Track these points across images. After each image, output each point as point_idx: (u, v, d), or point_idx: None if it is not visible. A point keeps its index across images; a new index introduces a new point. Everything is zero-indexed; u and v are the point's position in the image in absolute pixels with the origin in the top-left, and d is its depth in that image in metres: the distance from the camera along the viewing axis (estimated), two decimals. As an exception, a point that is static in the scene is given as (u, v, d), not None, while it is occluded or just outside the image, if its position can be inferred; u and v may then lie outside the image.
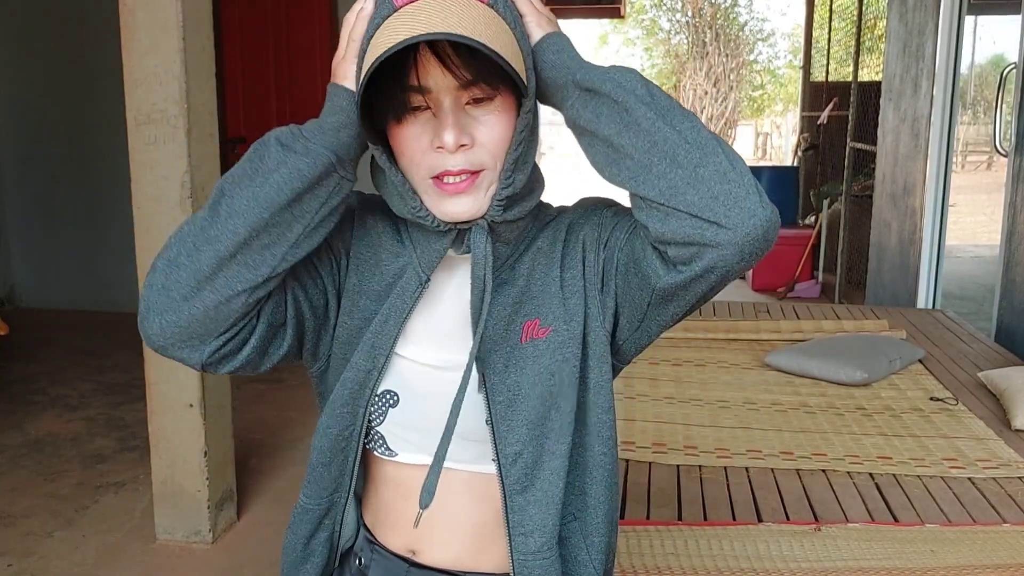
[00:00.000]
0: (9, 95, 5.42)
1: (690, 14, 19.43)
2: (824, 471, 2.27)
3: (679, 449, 2.40)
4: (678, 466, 2.29)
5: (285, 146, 0.86)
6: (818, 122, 7.74)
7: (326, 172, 0.87)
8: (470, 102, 0.87)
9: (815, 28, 9.18)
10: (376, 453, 1.00)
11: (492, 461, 0.96)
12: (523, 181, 0.91)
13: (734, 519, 2.01)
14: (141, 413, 2.81)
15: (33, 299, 5.61)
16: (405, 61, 0.85)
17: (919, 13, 4.96)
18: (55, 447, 3.47)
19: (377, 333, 0.96)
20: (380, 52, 0.81)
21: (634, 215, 0.88)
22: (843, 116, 6.58)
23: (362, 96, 0.85)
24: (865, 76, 6.39)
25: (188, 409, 2.62)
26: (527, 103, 0.88)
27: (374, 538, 1.05)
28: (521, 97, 0.88)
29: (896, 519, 2.02)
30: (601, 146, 0.86)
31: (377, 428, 0.98)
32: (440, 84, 0.85)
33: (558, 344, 0.95)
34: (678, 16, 19.96)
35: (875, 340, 3.24)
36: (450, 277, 0.98)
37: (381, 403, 0.97)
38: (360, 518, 1.07)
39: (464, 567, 1.01)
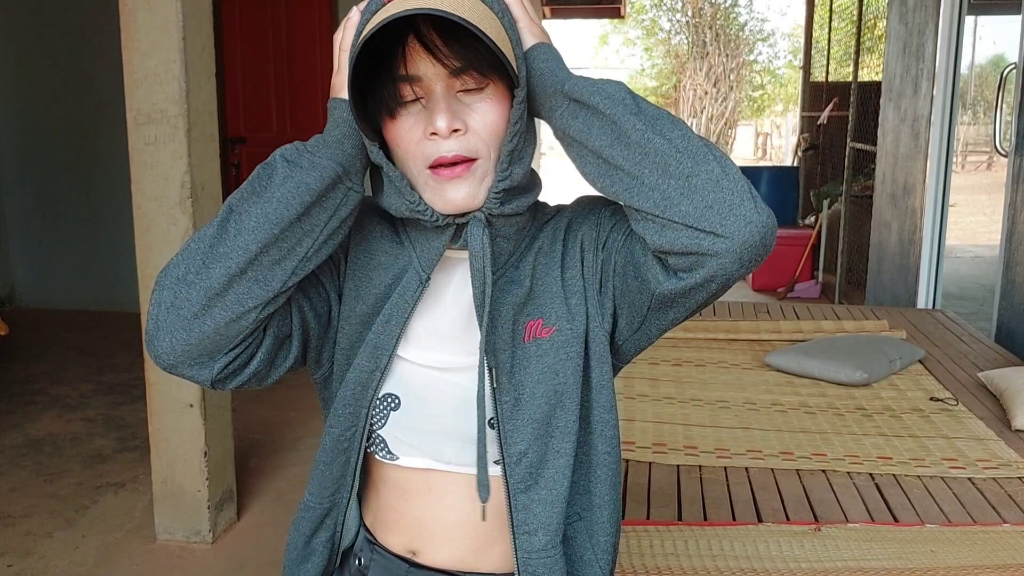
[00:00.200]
0: (9, 95, 5.42)
1: (690, 14, 19.44)
2: (824, 471, 2.27)
3: (679, 449, 2.40)
4: (678, 466, 2.29)
5: (291, 162, 0.87)
6: (818, 122, 7.73)
7: (333, 184, 0.87)
8: (462, 91, 0.88)
9: (815, 28, 9.18)
10: (377, 457, 1.01)
11: (495, 463, 0.96)
12: (520, 175, 0.91)
13: (734, 519, 2.01)
14: (141, 413, 2.81)
15: (33, 299, 5.61)
16: (394, 53, 0.86)
17: (919, 13, 4.96)
18: (55, 447, 3.47)
19: (379, 334, 0.97)
20: (365, 37, 0.82)
21: (631, 226, 0.88)
22: (843, 116, 6.58)
23: (358, 96, 0.86)
24: (865, 76, 6.39)
25: (188, 409, 2.62)
26: (519, 93, 0.88)
27: (374, 538, 1.05)
28: (513, 89, 0.89)
29: (896, 519, 2.02)
30: (591, 158, 0.87)
31: (379, 431, 0.99)
32: (430, 73, 0.86)
33: (561, 343, 0.95)
34: (678, 16, 19.97)
35: (875, 340, 3.24)
36: (450, 278, 0.98)
37: (383, 406, 0.98)
38: (361, 519, 1.07)
39: (465, 567, 1.01)
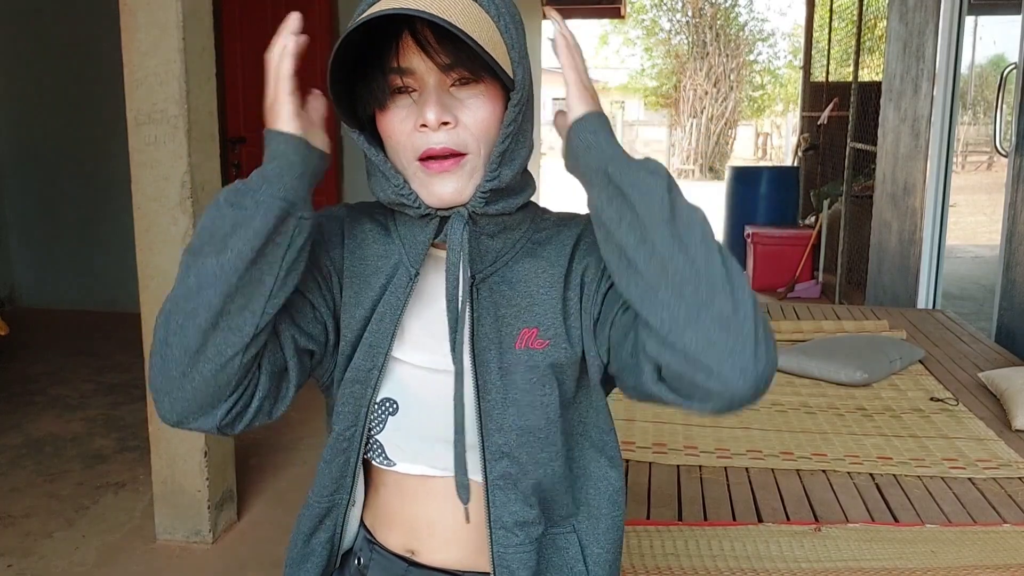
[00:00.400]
0: (9, 95, 5.42)
1: (690, 14, 19.45)
2: (824, 471, 2.27)
3: (679, 449, 2.40)
4: (678, 466, 2.29)
5: (235, 205, 0.85)
6: (818, 122, 7.73)
7: (280, 219, 0.85)
8: (455, 84, 0.88)
9: (815, 28, 9.18)
10: (375, 463, 1.01)
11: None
12: (510, 177, 0.91)
13: (734, 519, 2.01)
14: (141, 413, 2.81)
15: (33, 299, 5.61)
16: (388, 47, 0.87)
17: (919, 13, 4.96)
18: (55, 447, 3.47)
19: (374, 332, 0.97)
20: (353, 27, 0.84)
21: (638, 327, 0.85)
22: (843, 116, 6.58)
23: (348, 87, 0.88)
24: (865, 76, 6.39)
25: (188, 409, 2.61)
26: (515, 96, 0.88)
27: (373, 537, 1.05)
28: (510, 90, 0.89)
29: (896, 519, 2.02)
30: (615, 249, 0.85)
31: (377, 437, 0.99)
32: (421, 67, 0.87)
33: (554, 359, 0.95)
34: (678, 16, 19.99)
35: (875, 340, 3.24)
36: (441, 276, 0.98)
37: (381, 411, 0.98)
38: (361, 521, 1.07)
39: (464, 566, 1.01)
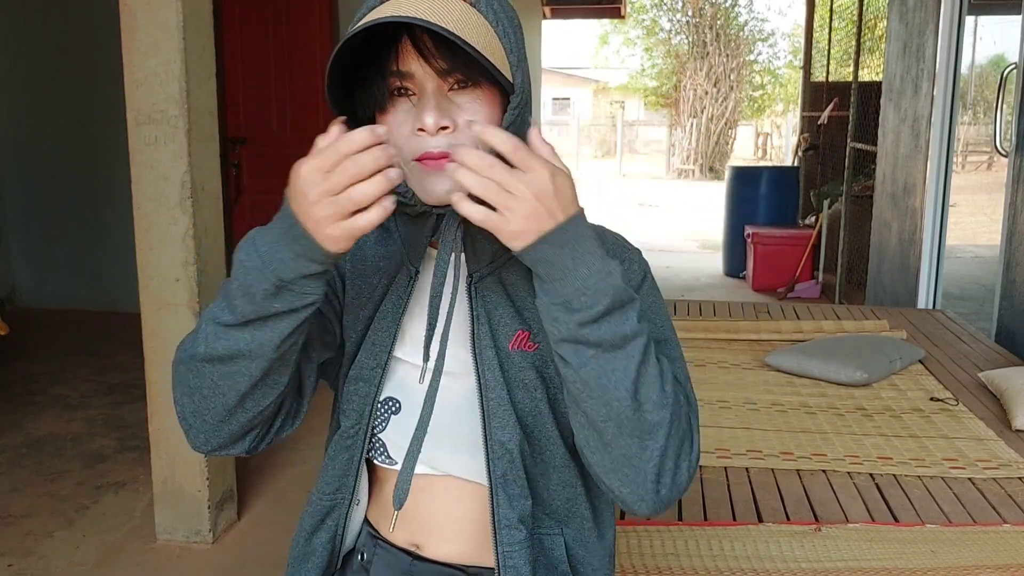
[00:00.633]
0: (9, 95, 5.42)
1: (690, 14, 19.45)
2: (824, 471, 2.27)
3: (679, 449, 2.39)
4: (678, 466, 2.29)
5: (277, 297, 0.82)
6: (818, 122, 7.73)
7: (295, 323, 0.85)
8: (453, 88, 0.88)
9: (815, 28, 9.18)
10: (377, 462, 1.01)
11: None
12: None
13: (734, 519, 2.01)
14: (141, 413, 2.81)
15: (33, 299, 5.61)
16: (388, 51, 0.88)
17: (919, 13, 4.96)
18: (55, 447, 3.47)
19: (376, 331, 0.98)
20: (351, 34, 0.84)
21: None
22: (843, 116, 6.57)
23: (347, 92, 0.89)
24: (865, 76, 6.39)
25: (188, 409, 2.61)
26: (514, 100, 0.89)
27: (377, 533, 1.05)
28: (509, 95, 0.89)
29: (896, 519, 2.02)
30: (570, 377, 0.86)
31: (380, 435, 1.00)
32: (420, 72, 0.87)
33: (542, 364, 0.96)
34: (678, 16, 19.99)
35: (875, 340, 3.24)
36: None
37: (384, 410, 0.99)
38: (365, 519, 1.07)
39: (469, 561, 1.02)
